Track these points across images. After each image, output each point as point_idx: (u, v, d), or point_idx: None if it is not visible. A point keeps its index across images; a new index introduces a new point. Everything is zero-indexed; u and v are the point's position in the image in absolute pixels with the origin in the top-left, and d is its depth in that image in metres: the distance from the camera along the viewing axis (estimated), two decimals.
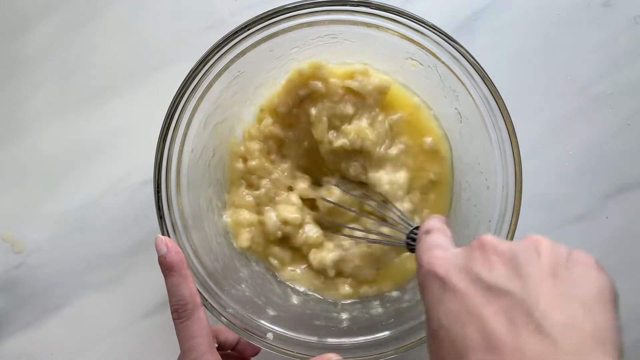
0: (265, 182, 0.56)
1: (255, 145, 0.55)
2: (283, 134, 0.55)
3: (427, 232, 0.38)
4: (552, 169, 0.59)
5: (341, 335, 0.50)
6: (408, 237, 0.45)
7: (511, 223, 0.47)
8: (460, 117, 0.51)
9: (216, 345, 0.44)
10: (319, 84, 0.53)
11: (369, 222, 0.53)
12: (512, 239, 0.46)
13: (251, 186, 0.56)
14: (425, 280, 0.33)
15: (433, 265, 0.32)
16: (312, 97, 0.54)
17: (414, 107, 0.54)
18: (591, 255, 0.31)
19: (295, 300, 0.55)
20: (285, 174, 0.56)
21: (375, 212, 0.52)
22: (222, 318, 0.48)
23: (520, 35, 0.59)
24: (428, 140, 0.54)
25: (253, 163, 0.55)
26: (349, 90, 0.53)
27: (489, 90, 0.46)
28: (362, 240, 0.53)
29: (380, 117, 0.54)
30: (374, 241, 0.52)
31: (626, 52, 0.59)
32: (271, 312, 0.51)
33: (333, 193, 0.54)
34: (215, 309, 0.48)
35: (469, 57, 0.46)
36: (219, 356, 0.42)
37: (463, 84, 0.47)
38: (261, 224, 0.55)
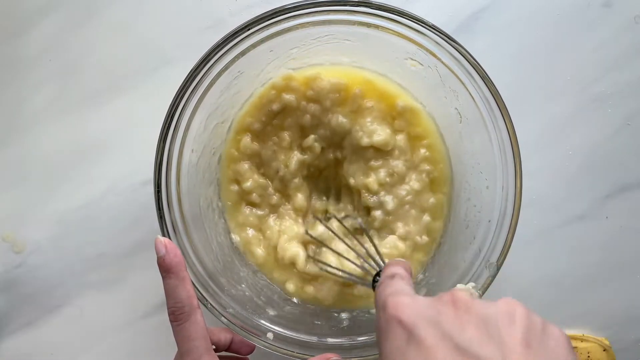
0: (265, 201, 0.56)
1: (244, 166, 0.55)
2: (266, 150, 0.55)
3: (392, 276, 0.37)
4: (552, 169, 0.59)
5: (341, 335, 0.50)
6: (374, 279, 0.43)
7: (511, 223, 0.47)
8: (460, 117, 0.51)
9: (213, 347, 0.44)
10: (291, 97, 0.53)
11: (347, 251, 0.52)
12: (511, 238, 0.47)
13: (253, 204, 0.56)
14: (389, 325, 0.31)
15: (400, 312, 0.31)
16: (285, 110, 0.54)
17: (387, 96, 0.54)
18: (563, 331, 0.30)
19: (295, 300, 0.55)
20: (280, 192, 0.56)
21: (354, 242, 0.51)
22: (222, 318, 0.48)
23: (521, 35, 0.59)
24: (400, 103, 0.53)
25: (248, 184, 0.55)
26: (310, 99, 0.53)
27: (489, 90, 0.46)
28: (331, 273, 0.51)
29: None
30: (342, 277, 0.51)
31: (626, 52, 0.59)
32: (271, 312, 0.51)
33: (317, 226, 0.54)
34: (215, 308, 0.48)
35: (469, 57, 0.46)
36: (217, 358, 0.42)
37: (463, 84, 0.47)
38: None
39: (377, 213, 0.54)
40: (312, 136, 0.54)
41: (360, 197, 0.55)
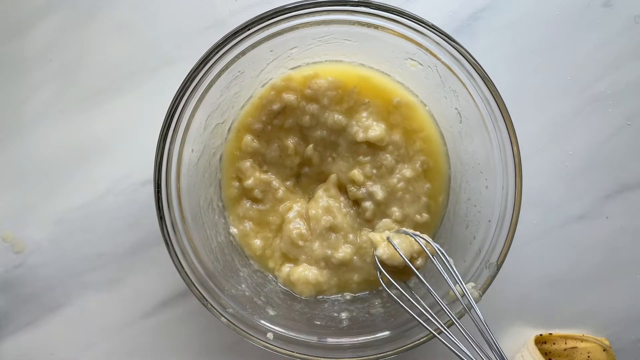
0: (268, 195, 0.56)
1: (245, 164, 0.55)
2: (267, 149, 0.55)
3: None
4: (552, 169, 0.59)
5: (341, 335, 0.50)
6: None
7: (511, 223, 0.47)
8: (460, 117, 0.51)
9: None
10: (291, 97, 0.53)
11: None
12: (511, 238, 0.47)
13: (255, 200, 0.56)
14: None
15: None
16: (285, 110, 0.54)
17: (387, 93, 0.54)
18: None
19: (295, 300, 0.55)
20: (285, 186, 0.56)
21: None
22: (222, 318, 0.48)
23: (521, 35, 0.59)
24: (396, 99, 0.54)
25: (249, 182, 0.55)
26: (308, 99, 0.54)
27: (489, 90, 0.46)
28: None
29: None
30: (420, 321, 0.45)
31: (626, 52, 0.59)
32: (271, 312, 0.51)
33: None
34: (215, 308, 0.48)
35: (469, 57, 0.46)
36: None
37: (463, 84, 0.47)
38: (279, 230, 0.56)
39: (367, 204, 0.54)
40: (310, 146, 0.55)
41: (347, 192, 0.55)
